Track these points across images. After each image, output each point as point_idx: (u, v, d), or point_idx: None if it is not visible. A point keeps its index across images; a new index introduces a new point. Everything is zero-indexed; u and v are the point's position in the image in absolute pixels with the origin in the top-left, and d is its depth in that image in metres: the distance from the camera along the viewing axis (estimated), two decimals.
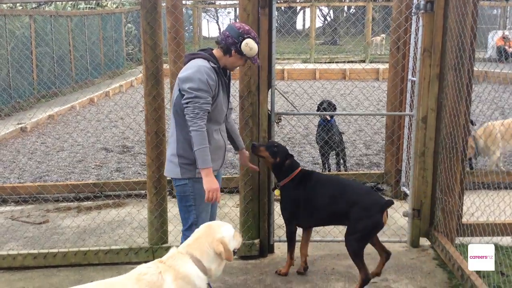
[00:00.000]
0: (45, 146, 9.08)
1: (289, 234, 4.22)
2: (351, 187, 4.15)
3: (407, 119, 5.63)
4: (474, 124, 6.86)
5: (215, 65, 3.47)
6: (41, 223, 5.52)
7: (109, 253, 4.51)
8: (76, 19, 16.19)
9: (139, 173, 7.33)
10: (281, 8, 25.59)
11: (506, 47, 18.80)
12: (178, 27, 4.84)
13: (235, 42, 3.45)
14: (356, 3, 25.40)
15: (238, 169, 4.28)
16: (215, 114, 3.52)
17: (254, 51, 3.48)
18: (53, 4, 17.58)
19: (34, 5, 13.95)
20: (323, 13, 37.49)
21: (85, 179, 7.05)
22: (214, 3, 31.07)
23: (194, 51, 3.64)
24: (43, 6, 16.05)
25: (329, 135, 6.55)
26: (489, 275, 3.74)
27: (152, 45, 4.25)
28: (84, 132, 10.17)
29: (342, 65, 17.81)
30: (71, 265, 4.47)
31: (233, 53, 3.49)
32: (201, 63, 3.42)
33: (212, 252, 2.98)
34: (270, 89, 4.47)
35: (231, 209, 5.34)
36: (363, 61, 20.71)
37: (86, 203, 6.06)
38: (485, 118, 8.50)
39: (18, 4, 13.83)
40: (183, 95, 3.37)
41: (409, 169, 4.93)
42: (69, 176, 7.27)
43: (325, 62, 20.15)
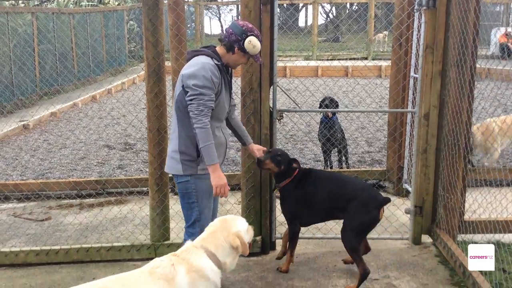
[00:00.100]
0: (47, 143, 9.10)
1: (291, 234, 4.22)
2: (349, 182, 4.22)
3: (409, 116, 5.63)
4: None
5: (218, 63, 3.47)
6: (43, 220, 5.53)
7: (111, 250, 4.52)
8: (78, 16, 16.20)
9: (141, 170, 7.34)
10: (283, 5, 25.54)
11: (509, 44, 18.72)
12: (180, 24, 4.84)
13: (238, 39, 3.46)
14: (358, 0, 25.35)
15: (240, 167, 4.28)
16: (217, 112, 3.52)
17: (257, 48, 3.49)
18: (55, 1, 17.65)
19: (36, 2, 14.02)
20: (325, 10, 37.45)
21: (87, 176, 7.06)
22: (216, 0, 31.05)
23: (197, 48, 3.64)
24: (45, 3, 16.10)
25: (331, 132, 6.55)
26: (490, 272, 3.73)
27: (154, 42, 4.25)
28: (86, 130, 10.18)
29: (344, 62, 17.78)
30: (73, 262, 4.48)
31: (236, 50, 3.49)
32: (204, 60, 3.42)
33: (228, 246, 3.02)
34: (272, 86, 4.46)
35: (233, 206, 5.35)
36: (366, 58, 20.67)
37: (88, 200, 6.08)
38: (487, 116, 8.47)
39: (20, 2, 13.88)
40: (187, 92, 3.37)
41: (411, 166, 4.92)
42: (71, 173, 7.28)
43: (327, 59, 20.11)
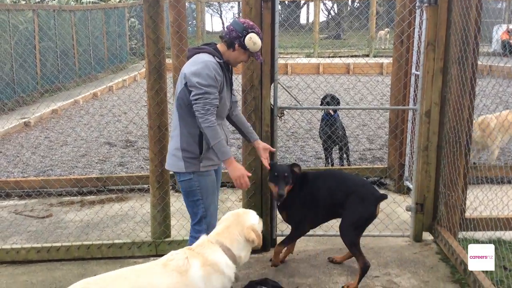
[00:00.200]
0: (48, 140, 9.10)
1: (298, 235, 4.23)
2: (347, 178, 4.24)
3: (410, 113, 5.62)
4: None
5: (220, 60, 3.46)
6: (44, 217, 5.54)
7: (112, 247, 4.53)
8: (79, 13, 16.19)
9: (142, 167, 7.34)
10: (284, 2, 25.49)
11: (510, 41, 18.66)
12: (180, 21, 4.83)
13: (238, 36, 3.45)
14: None
15: (241, 164, 4.28)
16: (219, 109, 3.52)
17: (257, 46, 3.48)
18: None
19: (38, 0, 13.96)
20: (327, 7, 37.38)
21: (88, 173, 7.07)
22: None
23: (198, 45, 3.63)
24: (46, 0, 16.08)
25: (332, 130, 6.53)
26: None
27: (154, 39, 4.25)
28: (87, 127, 10.18)
29: (345, 60, 17.75)
30: (74, 259, 4.49)
31: (236, 47, 3.48)
32: (207, 58, 3.41)
33: (243, 240, 3.07)
34: (273, 83, 4.46)
35: (233, 204, 5.35)
36: (367, 56, 20.64)
37: (89, 198, 6.08)
38: (489, 113, 8.45)
39: None
40: (190, 90, 3.36)
41: (412, 163, 4.91)
42: (72, 170, 7.28)
43: (328, 57, 20.09)
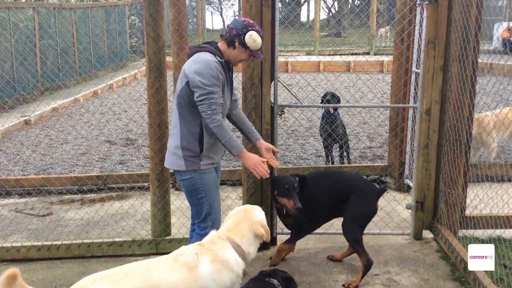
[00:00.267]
0: (49, 138, 9.10)
1: (300, 237, 4.25)
2: (346, 175, 4.30)
3: (411, 111, 5.62)
4: None
5: (221, 60, 3.46)
6: (44, 215, 5.54)
7: (112, 245, 4.53)
8: (79, 11, 16.17)
9: (143, 165, 7.33)
10: (284, 0, 25.47)
11: (511, 39, 18.64)
12: (180, 19, 4.83)
13: (239, 34, 3.45)
14: None
15: (241, 162, 4.28)
16: None
17: (257, 43, 3.48)
18: None
19: None
20: (327, 5, 37.37)
21: (88, 171, 7.06)
22: None
23: (199, 43, 3.62)
24: None
25: (332, 128, 6.53)
26: None
27: (154, 37, 4.24)
28: (88, 125, 10.18)
29: (346, 57, 17.72)
30: (74, 257, 4.49)
31: (236, 45, 3.48)
32: (208, 57, 3.40)
33: (252, 236, 3.11)
34: (273, 81, 4.45)
35: (234, 202, 5.34)
36: (368, 53, 20.61)
37: (89, 196, 6.08)
38: (489, 111, 8.44)
39: None
40: (194, 91, 3.35)
41: (413, 161, 4.91)
42: (72, 168, 7.28)
43: (329, 54, 20.06)
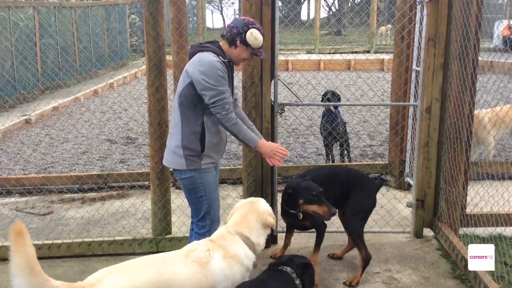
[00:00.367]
0: (49, 137, 9.11)
1: (323, 237, 4.16)
2: (346, 171, 4.33)
3: (411, 109, 5.61)
4: None
5: (224, 60, 3.45)
6: (45, 214, 5.54)
7: (113, 244, 4.53)
8: (80, 10, 16.17)
9: (143, 164, 7.34)
10: None
11: (511, 36, 18.63)
12: (180, 17, 4.82)
13: (239, 32, 3.44)
14: None
15: (241, 160, 4.28)
16: None
17: (259, 41, 3.47)
18: None
19: None
20: (327, 3, 37.33)
21: (89, 170, 7.07)
22: None
23: (201, 42, 3.58)
24: None
25: (333, 126, 6.53)
26: None
27: (154, 35, 4.24)
28: (88, 124, 10.19)
29: (346, 56, 17.71)
30: (75, 255, 4.49)
31: (238, 43, 3.46)
32: (212, 58, 3.38)
33: (260, 227, 3.14)
34: (273, 80, 4.45)
35: (234, 200, 5.35)
36: (368, 52, 20.59)
37: (90, 194, 6.09)
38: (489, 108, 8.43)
39: None
40: (202, 93, 3.35)
41: (413, 159, 4.91)
42: (73, 167, 7.29)
43: (329, 53, 20.05)
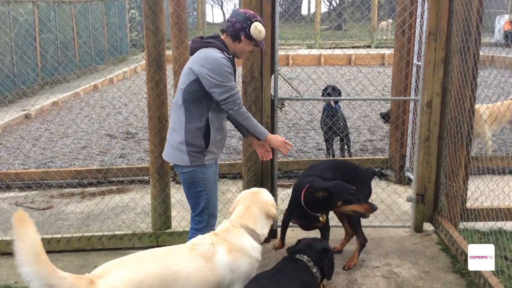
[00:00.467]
0: (49, 132, 9.10)
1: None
2: (342, 163, 4.47)
3: (412, 104, 5.60)
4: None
5: (229, 55, 3.42)
6: (45, 208, 5.54)
7: (112, 238, 4.53)
8: (79, 5, 16.12)
9: (143, 159, 7.33)
10: None
11: None
12: (180, 12, 4.81)
13: (243, 26, 3.39)
14: None
15: (241, 155, 4.27)
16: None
17: (263, 34, 3.44)
18: None
19: None
20: None
21: (89, 165, 7.06)
22: None
23: (203, 37, 3.51)
24: None
25: (333, 121, 6.51)
26: None
27: (154, 30, 4.21)
28: (88, 119, 10.17)
29: (347, 51, 17.67)
30: (75, 250, 4.49)
31: (242, 38, 3.42)
32: (218, 54, 3.34)
33: (264, 218, 3.16)
34: (273, 74, 4.43)
35: (234, 195, 5.34)
36: (369, 46, 20.54)
37: (89, 189, 6.08)
38: (490, 103, 8.42)
39: None
40: (211, 91, 3.33)
41: (414, 154, 4.90)
42: (73, 162, 7.28)
43: (329, 48, 20.00)
